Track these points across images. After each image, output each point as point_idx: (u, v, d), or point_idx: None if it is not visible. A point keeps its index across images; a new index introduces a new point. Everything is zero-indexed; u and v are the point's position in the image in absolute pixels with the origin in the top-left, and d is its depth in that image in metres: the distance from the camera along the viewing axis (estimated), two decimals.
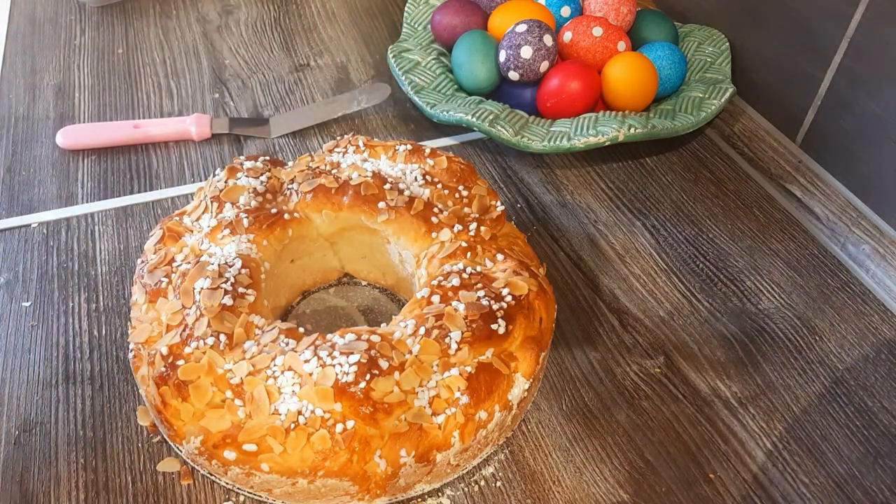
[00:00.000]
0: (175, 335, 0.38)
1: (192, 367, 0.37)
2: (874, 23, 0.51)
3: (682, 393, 0.45)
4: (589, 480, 0.41)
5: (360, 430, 0.36)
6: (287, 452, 0.35)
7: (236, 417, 0.36)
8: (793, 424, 0.44)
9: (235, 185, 0.46)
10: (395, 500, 0.39)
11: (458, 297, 0.39)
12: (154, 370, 0.38)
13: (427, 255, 0.43)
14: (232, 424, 0.36)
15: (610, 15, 0.64)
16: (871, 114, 0.53)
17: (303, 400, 0.36)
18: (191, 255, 0.42)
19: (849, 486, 0.41)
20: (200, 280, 0.40)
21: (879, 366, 0.47)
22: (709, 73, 0.64)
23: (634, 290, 0.51)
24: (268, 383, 0.36)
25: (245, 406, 0.36)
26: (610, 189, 0.59)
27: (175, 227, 0.44)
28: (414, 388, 0.37)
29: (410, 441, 0.36)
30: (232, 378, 0.37)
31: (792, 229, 0.56)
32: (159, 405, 0.37)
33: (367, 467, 0.36)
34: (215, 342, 0.38)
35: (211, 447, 0.36)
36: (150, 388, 0.38)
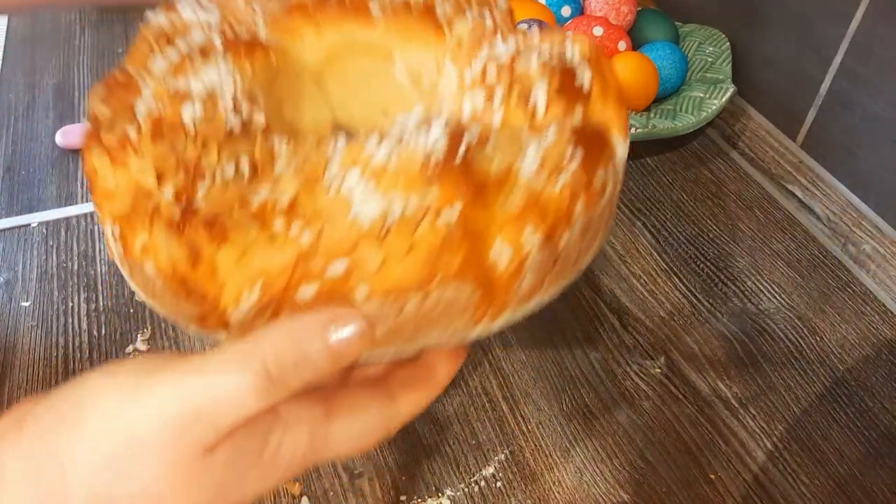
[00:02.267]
0: (173, 182, 0.28)
1: (219, 195, 0.26)
2: (875, 23, 0.51)
3: (683, 393, 0.45)
4: (589, 481, 0.41)
5: (469, 216, 0.27)
6: (390, 263, 0.26)
7: (299, 246, 0.26)
8: (793, 425, 0.44)
9: (181, 20, 0.34)
10: (515, 315, 0.31)
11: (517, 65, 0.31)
12: (162, 220, 0.27)
13: (449, 54, 0.34)
14: (297, 259, 0.26)
15: (610, 15, 0.64)
16: (871, 114, 0.53)
17: (385, 196, 0.26)
18: (159, 97, 0.30)
19: (849, 487, 0.41)
20: (188, 107, 0.29)
21: (880, 366, 0.47)
22: (709, 72, 0.64)
23: (635, 290, 0.51)
24: (329, 195, 0.26)
25: (309, 226, 0.26)
26: None
27: (122, 78, 0.32)
28: (514, 157, 0.28)
29: (533, 214, 0.28)
30: (279, 201, 0.26)
31: (792, 229, 0.56)
32: (185, 271, 0.26)
33: (489, 264, 0.27)
34: (236, 172, 0.27)
35: (278, 292, 0.26)
36: (163, 254, 0.27)
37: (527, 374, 0.46)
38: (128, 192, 0.28)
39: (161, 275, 0.27)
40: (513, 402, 0.44)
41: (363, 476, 0.41)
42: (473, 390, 0.45)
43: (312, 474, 0.41)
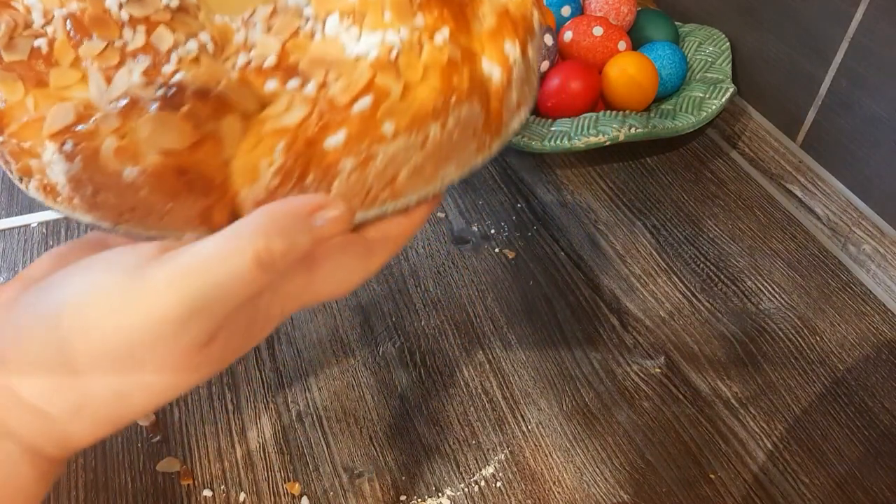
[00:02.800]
0: (127, 75, 0.24)
1: (201, 71, 0.24)
2: (875, 22, 0.51)
3: (683, 393, 0.45)
4: (589, 481, 0.41)
5: (457, 39, 0.26)
6: (411, 89, 0.25)
7: (310, 99, 0.24)
8: (793, 425, 0.44)
9: None
10: (508, 135, 0.30)
11: None
12: (140, 111, 0.23)
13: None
14: (314, 109, 0.24)
15: (610, 14, 0.64)
16: (871, 114, 0.53)
17: (375, 32, 0.25)
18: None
19: (849, 487, 0.41)
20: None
21: (880, 366, 0.47)
22: (709, 72, 0.64)
23: (635, 291, 0.51)
24: (315, 43, 0.25)
25: (311, 75, 0.24)
26: (610, 189, 0.59)
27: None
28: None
29: (506, 29, 0.27)
30: (266, 61, 0.25)
31: (792, 229, 0.56)
32: (184, 159, 0.23)
33: (485, 81, 0.27)
34: (199, 47, 0.25)
35: (304, 149, 0.24)
36: (152, 146, 0.24)
37: (527, 374, 0.46)
38: (59, 108, 0.24)
39: (152, 173, 0.24)
40: (513, 402, 0.44)
41: (363, 476, 0.41)
42: (473, 390, 0.45)
43: (312, 474, 0.41)
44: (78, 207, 0.25)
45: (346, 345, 0.47)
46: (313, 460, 0.41)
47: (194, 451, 0.42)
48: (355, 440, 0.42)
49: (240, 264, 0.21)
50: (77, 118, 0.24)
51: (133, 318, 0.21)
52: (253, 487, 0.40)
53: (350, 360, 0.46)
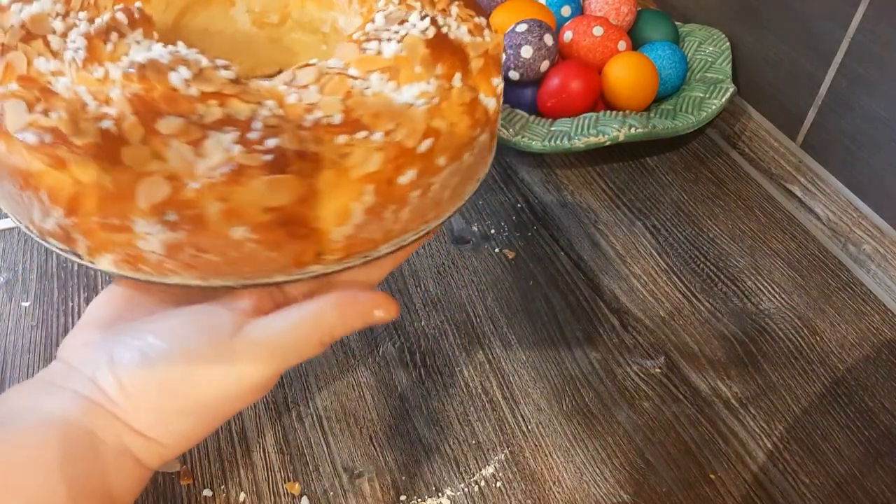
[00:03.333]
0: (218, 145, 0.26)
1: (294, 133, 0.26)
2: (875, 23, 0.51)
3: (683, 393, 0.45)
4: (589, 481, 0.41)
5: (466, 80, 0.31)
6: (455, 126, 0.29)
7: (381, 146, 0.27)
8: (793, 425, 0.44)
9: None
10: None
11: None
12: (250, 172, 0.25)
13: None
14: (389, 155, 0.27)
15: (610, 14, 0.64)
16: (872, 114, 0.53)
17: (412, 84, 0.29)
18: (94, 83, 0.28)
19: (849, 487, 0.41)
20: (174, 74, 0.27)
21: (880, 366, 0.47)
22: (709, 72, 0.64)
23: (635, 291, 0.51)
24: (369, 98, 0.28)
25: (373, 125, 0.27)
26: (610, 189, 0.59)
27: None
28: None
29: (490, 67, 0.33)
30: (331, 120, 0.27)
31: (793, 229, 0.56)
32: (294, 210, 0.26)
33: (487, 110, 0.32)
34: (271, 113, 0.27)
35: (385, 186, 0.27)
36: (262, 204, 0.26)
37: (527, 374, 0.46)
38: (150, 183, 0.26)
39: (260, 229, 0.26)
40: (513, 402, 0.44)
41: (363, 476, 0.41)
42: (473, 390, 0.45)
43: (312, 474, 0.41)
44: (168, 271, 0.27)
45: (346, 345, 0.47)
46: (313, 460, 0.41)
47: (194, 451, 0.42)
48: (355, 440, 0.42)
49: (309, 346, 0.27)
50: (173, 190, 0.26)
51: (228, 381, 0.26)
52: (253, 487, 0.40)
53: (350, 360, 0.46)
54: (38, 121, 0.25)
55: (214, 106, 0.26)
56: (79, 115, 0.26)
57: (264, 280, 0.28)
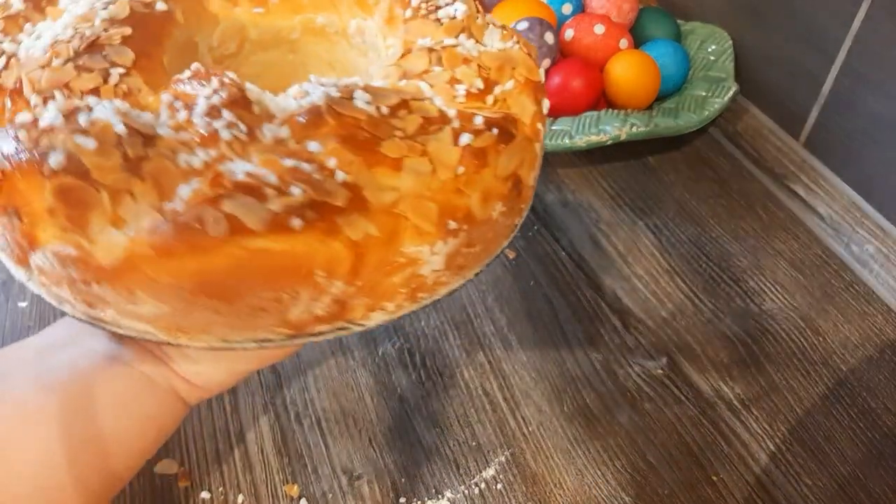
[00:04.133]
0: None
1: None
2: (878, 21, 0.51)
3: (685, 394, 0.45)
4: (591, 483, 0.40)
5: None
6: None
7: (521, 87, 0.29)
8: (796, 426, 0.43)
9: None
10: None
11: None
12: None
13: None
14: (528, 83, 0.29)
15: (612, 12, 0.64)
16: (875, 113, 0.53)
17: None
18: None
19: (852, 488, 0.41)
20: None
21: (883, 367, 0.47)
22: (712, 71, 0.64)
23: (637, 291, 0.51)
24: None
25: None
26: (612, 188, 0.59)
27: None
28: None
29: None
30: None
31: (795, 229, 0.56)
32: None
33: None
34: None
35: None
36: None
37: (527, 375, 0.46)
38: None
39: (505, 199, 0.28)
40: (513, 403, 0.44)
41: (362, 478, 0.41)
42: (474, 391, 0.45)
43: (311, 476, 0.41)
44: (441, 285, 0.29)
45: (345, 345, 0.47)
46: (312, 462, 0.41)
47: (192, 453, 0.41)
48: (354, 442, 0.42)
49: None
50: (444, 203, 0.27)
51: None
52: (251, 489, 0.40)
53: (349, 361, 0.46)
54: (291, 202, 0.24)
55: (406, 116, 0.26)
56: (323, 182, 0.24)
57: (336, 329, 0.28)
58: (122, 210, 0.24)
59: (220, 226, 0.23)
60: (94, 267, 0.24)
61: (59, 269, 0.25)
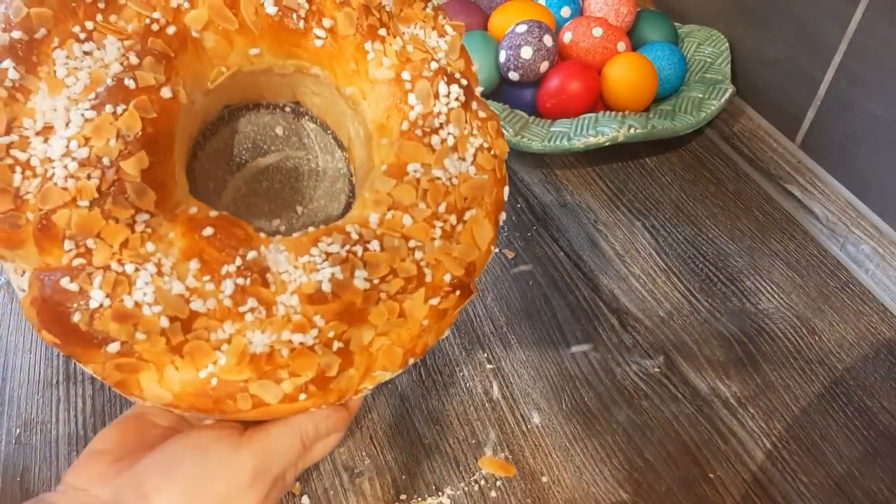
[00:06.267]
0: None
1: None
2: (874, 23, 0.51)
3: (682, 393, 0.45)
4: (589, 480, 0.41)
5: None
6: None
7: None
8: (792, 424, 0.44)
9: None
10: None
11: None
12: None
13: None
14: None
15: (610, 15, 0.64)
16: (870, 114, 0.53)
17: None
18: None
19: (848, 486, 0.41)
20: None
21: (879, 365, 0.47)
22: (708, 73, 0.64)
23: (634, 290, 0.51)
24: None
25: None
26: (610, 189, 0.59)
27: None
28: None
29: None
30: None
31: (791, 229, 0.56)
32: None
33: None
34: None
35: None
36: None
37: (526, 373, 0.46)
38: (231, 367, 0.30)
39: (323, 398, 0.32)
40: (512, 401, 0.44)
41: (363, 475, 0.41)
42: (473, 390, 0.45)
43: (312, 473, 0.41)
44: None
45: None
46: None
47: None
48: (355, 439, 0.42)
49: (293, 446, 0.32)
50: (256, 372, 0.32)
51: (237, 476, 0.30)
52: None
53: None
54: (299, 383, 0.31)
55: (392, 280, 0.32)
56: (321, 358, 0.31)
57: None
58: (167, 375, 0.30)
59: (247, 402, 0.30)
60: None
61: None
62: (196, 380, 0.30)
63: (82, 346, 0.29)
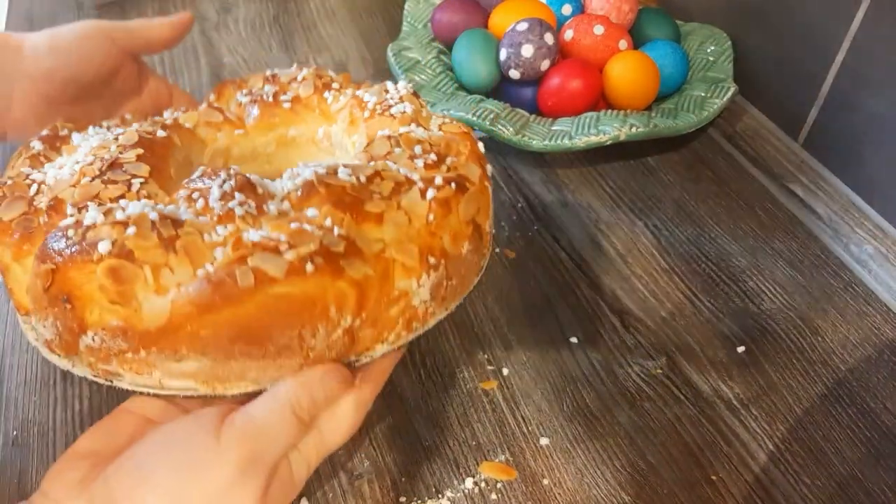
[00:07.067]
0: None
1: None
2: (876, 22, 0.51)
3: (684, 394, 0.45)
4: (590, 482, 0.41)
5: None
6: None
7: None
8: (795, 426, 0.44)
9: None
10: None
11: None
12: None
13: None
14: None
15: (611, 13, 0.64)
16: (873, 113, 0.53)
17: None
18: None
19: (851, 488, 0.41)
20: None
21: (882, 367, 0.47)
22: (711, 71, 0.64)
23: (636, 291, 0.51)
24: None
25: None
26: (611, 188, 0.59)
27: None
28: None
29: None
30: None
31: (794, 229, 0.56)
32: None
33: None
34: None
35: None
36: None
37: (527, 374, 0.46)
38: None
39: (471, 239, 0.34)
40: (513, 402, 0.44)
41: (362, 477, 0.41)
42: (473, 391, 0.45)
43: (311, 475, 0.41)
44: (430, 315, 0.35)
45: None
46: None
47: None
48: (354, 441, 0.42)
49: (286, 421, 0.27)
50: (424, 244, 0.33)
51: (219, 476, 0.27)
52: None
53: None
54: (303, 252, 0.29)
55: (381, 182, 0.32)
56: (324, 236, 0.30)
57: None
58: (163, 280, 0.28)
59: (248, 278, 0.28)
60: (142, 333, 0.28)
61: (108, 344, 0.29)
62: (193, 278, 0.29)
63: (75, 260, 0.28)
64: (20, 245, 0.32)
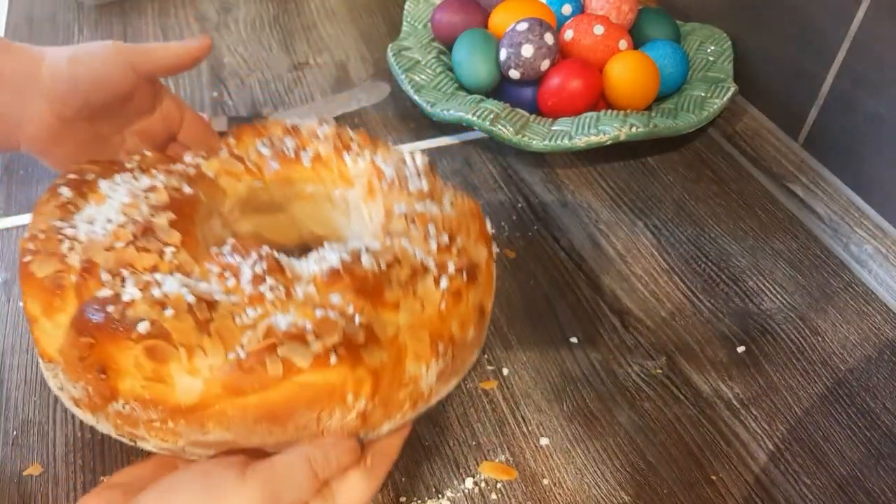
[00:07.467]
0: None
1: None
2: (877, 21, 0.51)
3: (684, 394, 0.45)
4: (590, 482, 0.41)
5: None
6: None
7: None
8: (795, 426, 0.44)
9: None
10: None
11: None
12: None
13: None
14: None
15: (611, 13, 0.64)
16: (873, 113, 0.53)
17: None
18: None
19: (851, 488, 0.41)
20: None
21: (882, 367, 0.47)
22: (711, 71, 0.64)
23: (636, 291, 0.51)
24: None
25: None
26: (611, 188, 0.59)
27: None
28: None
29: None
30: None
31: (794, 229, 0.56)
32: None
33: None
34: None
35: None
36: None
37: (527, 374, 0.46)
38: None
39: (476, 325, 0.37)
40: (513, 402, 0.44)
41: None
42: (473, 391, 0.45)
43: None
44: (434, 395, 0.36)
45: None
46: None
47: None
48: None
49: (303, 475, 0.30)
50: (434, 331, 0.35)
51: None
52: None
53: None
54: (328, 344, 0.31)
55: (399, 269, 0.34)
56: (346, 326, 0.31)
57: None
58: (196, 361, 0.30)
59: (277, 367, 0.30)
60: (173, 407, 0.30)
61: (138, 413, 0.31)
62: (225, 362, 0.30)
63: (115, 337, 0.30)
64: (51, 301, 0.34)
